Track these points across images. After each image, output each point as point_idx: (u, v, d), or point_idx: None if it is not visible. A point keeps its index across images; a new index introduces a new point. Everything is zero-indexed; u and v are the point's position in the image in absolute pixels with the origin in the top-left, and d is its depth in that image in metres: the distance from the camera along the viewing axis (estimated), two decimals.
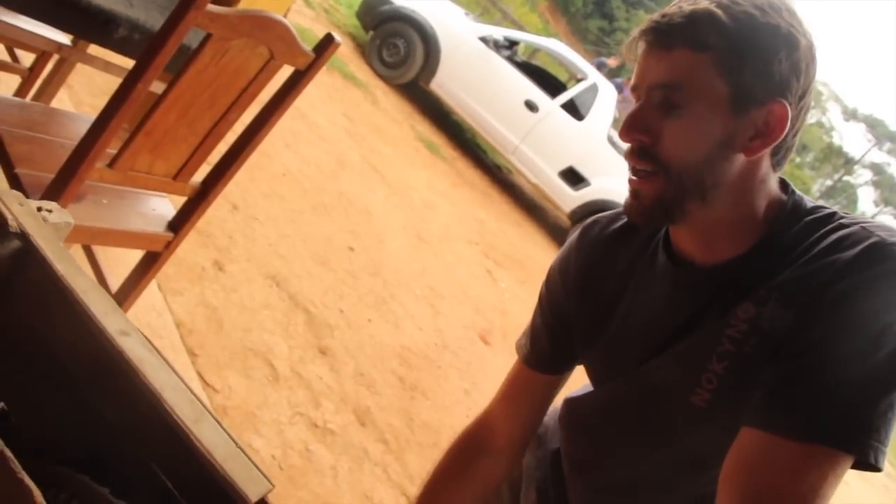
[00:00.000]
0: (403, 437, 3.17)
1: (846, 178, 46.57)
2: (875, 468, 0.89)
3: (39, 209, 0.91)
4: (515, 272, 6.30)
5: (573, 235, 1.30)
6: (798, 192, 1.07)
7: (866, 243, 0.92)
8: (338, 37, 1.89)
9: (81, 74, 3.46)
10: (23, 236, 0.85)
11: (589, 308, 1.22)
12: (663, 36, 0.98)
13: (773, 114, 0.96)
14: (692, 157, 0.98)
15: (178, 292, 2.82)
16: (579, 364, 1.32)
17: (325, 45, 1.88)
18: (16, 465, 0.64)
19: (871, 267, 0.90)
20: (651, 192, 1.02)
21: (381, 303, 4.07)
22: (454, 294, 4.96)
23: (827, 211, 1.02)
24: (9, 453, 0.64)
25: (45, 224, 0.89)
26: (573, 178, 8.15)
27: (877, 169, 46.75)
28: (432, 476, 1.39)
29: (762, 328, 0.97)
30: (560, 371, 1.33)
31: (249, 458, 0.82)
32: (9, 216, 0.85)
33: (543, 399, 1.36)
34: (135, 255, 2.16)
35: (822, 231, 0.98)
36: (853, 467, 0.90)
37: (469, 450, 1.38)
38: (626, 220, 1.21)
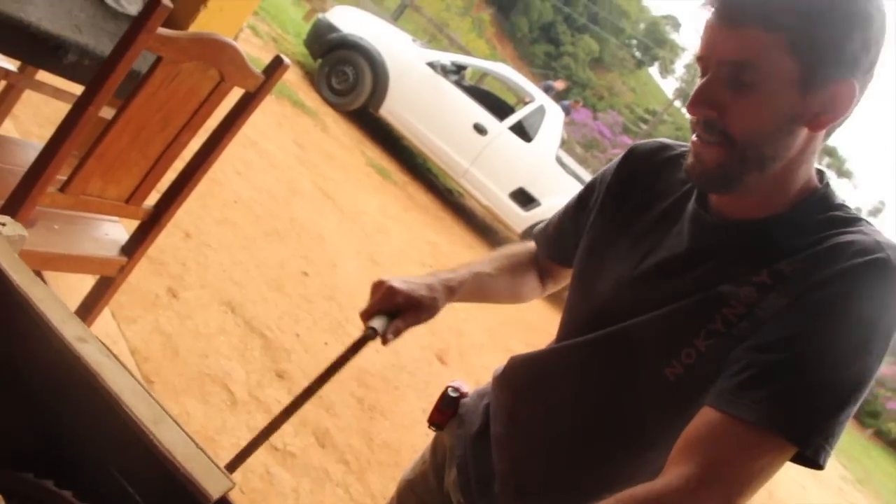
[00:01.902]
0: (364, 458, 3.17)
1: None
2: (820, 468, 0.93)
3: None
4: None
5: (619, 156, 1.34)
6: (832, 186, 1.08)
7: (872, 257, 0.94)
8: (287, 61, 1.92)
9: (27, 104, 3.44)
10: None
11: (604, 221, 1.26)
12: (734, 12, 0.96)
13: (840, 91, 0.96)
14: (758, 134, 0.98)
15: (131, 320, 2.80)
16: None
17: (275, 67, 1.91)
18: None
19: (869, 284, 0.93)
20: (713, 158, 1.02)
21: (337, 326, 4.07)
22: None
23: (853, 214, 1.04)
24: None
25: None
26: (523, 198, 8.24)
27: (829, 151, 47.84)
28: (510, 254, 1.51)
29: (756, 315, 0.99)
30: (555, 261, 1.46)
31: (209, 458, 0.83)
32: None
33: (557, 277, 1.51)
34: (87, 284, 2.16)
35: (840, 230, 1.00)
36: (796, 461, 0.94)
37: (529, 256, 1.51)
38: (672, 153, 1.24)
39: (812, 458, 0.91)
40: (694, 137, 1.05)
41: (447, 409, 1.44)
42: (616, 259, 1.20)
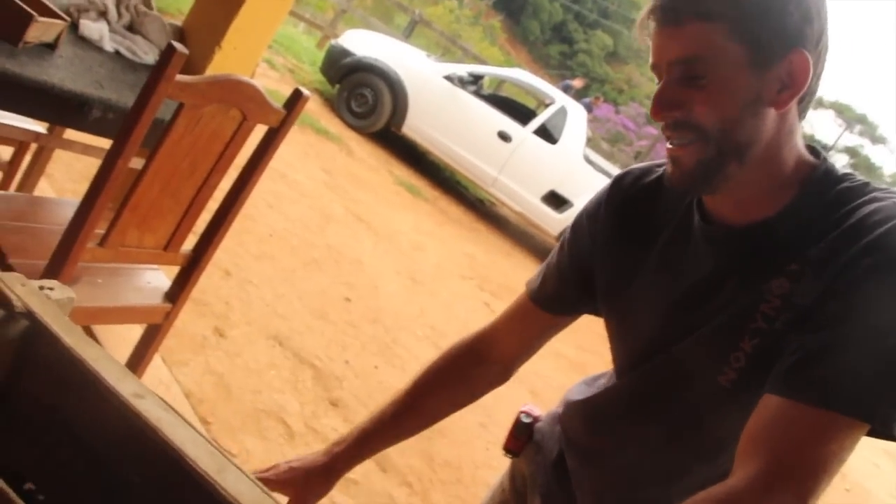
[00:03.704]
0: (426, 478, 3.16)
1: None
2: (894, 438, 0.91)
3: (41, 287, 0.93)
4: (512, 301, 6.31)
5: (605, 187, 1.29)
6: (829, 159, 1.07)
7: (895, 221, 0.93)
8: (306, 91, 1.93)
9: (59, 162, 3.50)
10: (29, 315, 0.87)
11: (615, 256, 1.23)
12: (671, 12, 0.98)
13: (794, 64, 0.97)
14: (726, 121, 0.98)
15: (182, 363, 2.82)
16: (580, 315, 1.35)
17: (295, 101, 1.92)
18: None
19: None
20: (691, 157, 1.02)
21: (385, 349, 4.08)
22: (456, 330, 4.97)
23: (860, 181, 1.03)
24: None
25: (48, 301, 0.91)
26: (556, 201, 8.21)
27: (852, 152, 47.13)
28: (426, 370, 1.40)
29: (794, 304, 0.98)
30: (560, 313, 1.35)
31: (276, 501, 0.83)
32: (13, 297, 0.86)
33: (541, 333, 1.38)
34: (136, 333, 2.18)
35: (855, 203, 0.98)
36: (871, 434, 0.92)
37: (465, 355, 1.40)
38: (658, 174, 1.21)
39: (882, 430, 0.90)
40: (668, 145, 1.05)
41: (521, 436, 1.43)
42: (644, 299, 1.19)
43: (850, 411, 0.89)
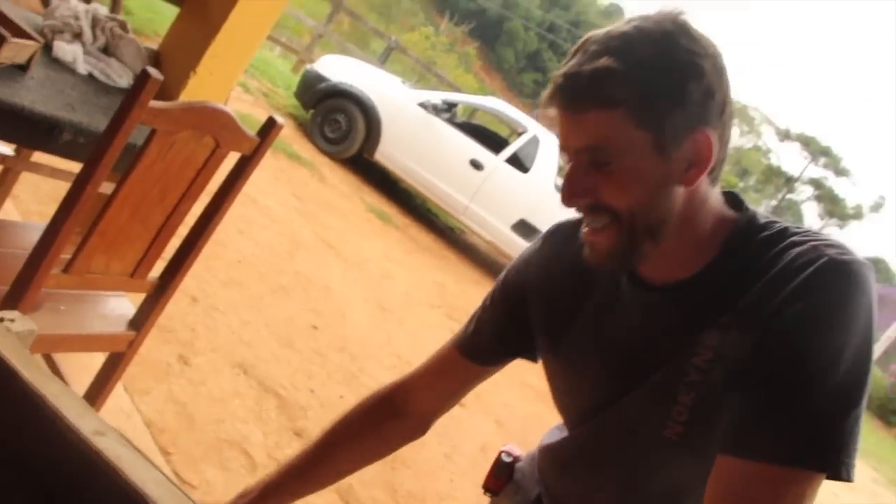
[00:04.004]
0: None
1: (789, 196, 47.75)
2: (848, 481, 0.91)
3: (1, 319, 0.91)
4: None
5: (536, 241, 1.30)
6: (751, 207, 1.08)
7: (818, 264, 0.93)
8: (280, 118, 1.92)
9: (26, 183, 3.44)
10: None
11: (548, 315, 1.23)
12: (571, 101, 0.98)
13: (699, 143, 0.97)
14: (636, 205, 0.99)
15: (145, 391, 2.78)
16: (505, 365, 1.35)
17: (269, 129, 1.91)
18: None
19: (824, 288, 0.92)
20: (605, 241, 1.03)
21: (352, 378, 4.04)
22: (422, 359, 4.93)
23: (779, 227, 1.03)
24: None
25: (8, 333, 0.89)
26: (526, 230, 8.23)
27: (816, 184, 47.99)
28: (338, 421, 1.38)
29: (725, 355, 0.99)
30: (489, 364, 1.35)
31: None
32: None
33: (463, 385, 1.37)
34: (97, 360, 2.14)
35: (775, 251, 0.99)
36: (827, 478, 0.92)
37: (380, 407, 1.38)
38: None
39: (836, 477, 0.90)
40: (584, 228, 1.07)
41: (502, 476, 1.42)
42: (579, 360, 1.20)
43: (802, 464, 0.89)
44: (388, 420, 1.38)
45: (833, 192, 47.56)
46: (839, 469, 0.89)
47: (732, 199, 1.10)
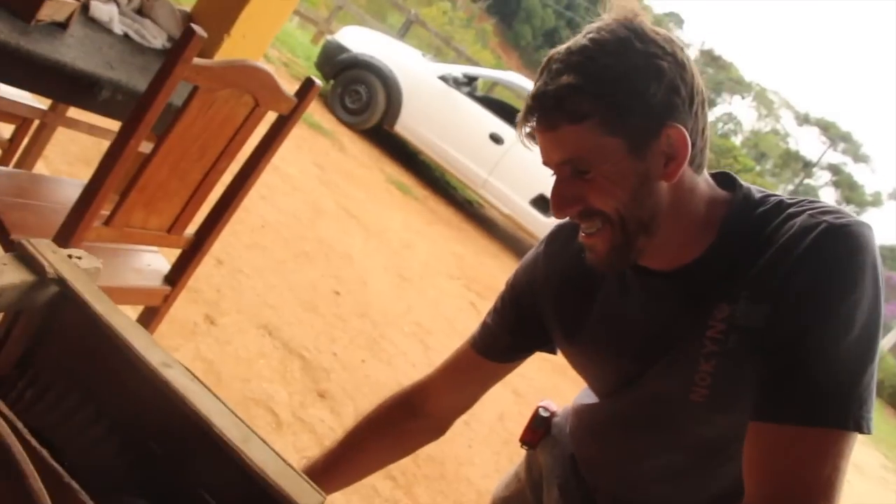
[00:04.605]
0: (410, 472, 3.17)
1: (806, 181, 47.34)
2: (868, 433, 0.95)
3: (70, 256, 0.94)
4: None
5: (540, 243, 1.34)
6: (745, 184, 1.11)
7: (817, 231, 0.97)
8: (318, 81, 1.95)
9: (55, 143, 3.48)
10: (60, 282, 0.88)
11: (560, 313, 1.27)
12: (543, 119, 1.03)
13: (671, 137, 1.00)
14: (622, 206, 1.03)
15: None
16: (522, 361, 1.39)
17: (307, 89, 1.93)
18: (83, 495, 0.66)
19: (826, 254, 0.96)
20: (602, 244, 1.07)
21: (373, 343, 4.09)
22: (441, 328, 4.99)
23: (774, 201, 1.07)
24: (75, 485, 0.66)
25: (78, 269, 0.92)
26: (544, 204, 8.23)
27: (834, 170, 47.58)
28: (360, 422, 1.42)
29: (739, 325, 1.02)
30: (507, 361, 1.39)
31: (299, 473, 0.85)
32: (45, 263, 0.88)
33: (483, 383, 1.42)
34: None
35: (773, 224, 1.03)
36: None
37: (400, 407, 1.42)
38: None
39: (859, 432, 0.94)
40: (581, 234, 1.10)
41: (539, 429, 1.46)
42: (596, 350, 1.24)
43: (831, 423, 0.93)
44: (406, 421, 1.41)
45: (851, 179, 47.15)
46: (861, 424, 0.93)
47: (725, 178, 1.14)
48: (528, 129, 1.07)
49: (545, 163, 1.08)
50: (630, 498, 1.26)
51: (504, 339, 1.36)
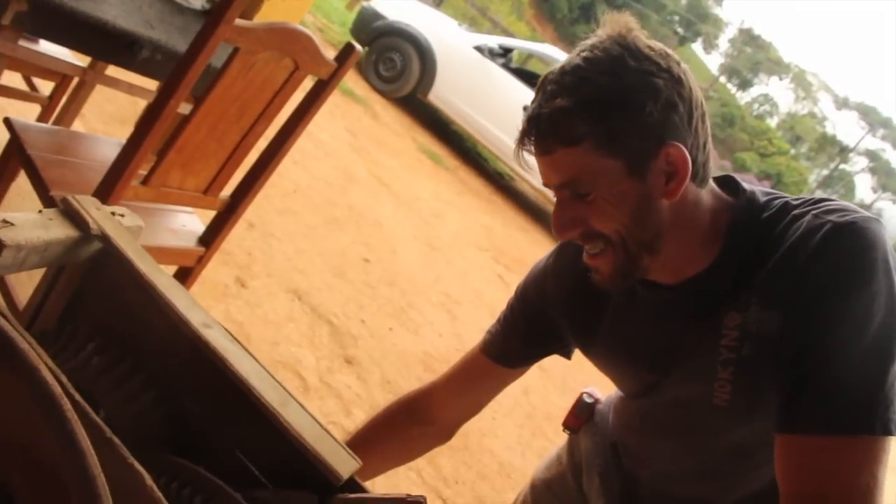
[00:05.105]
0: None
1: (842, 166, 46.64)
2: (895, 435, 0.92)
3: (113, 213, 0.94)
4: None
5: (548, 256, 1.33)
6: (749, 187, 1.09)
7: (822, 232, 0.95)
8: (358, 46, 1.93)
9: (91, 103, 3.50)
10: (104, 238, 0.88)
11: (572, 324, 1.27)
12: (539, 143, 1.01)
13: (671, 156, 0.98)
14: (622, 227, 1.01)
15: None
16: (531, 366, 1.39)
17: (347, 54, 1.92)
18: (125, 451, 0.66)
19: (833, 254, 0.93)
20: (606, 265, 1.06)
21: (400, 311, 4.10)
22: (469, 299, 4.99)
23: (779, 203, 1.05)
24: (117, 440, 0.66)
25: (121, 227, 0.92)
26: None
27: (872, 156, 46.82)
28: (366, 425, 1.43)
29: (751, 332, 1.00)
30: (519, 366, 1.38)
31: (335, 439, 0.85)
32: (89, 220, 0.88)
33: (492, 388, 1.41)
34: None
35: (779, 228, 1.01)
36: None
37: (405, 413, 1.42)
38: None
39: (887, 434, 0.91)
40: (585, 255, 1.09)
41: (583, 415, 1.46)
42: (613, 362, 1.25)
43: (853, 430, 0.90)
44: (410, 428, 1.42)
45: (890, 165, 46.39)
46: (890, 427, 0.90)
47: (728, 182, 1.11)
48: (525, 153, 1.05)
49: (545, 184, 1.06)
50: (668, 492, 1.26)
51: (516, 345, 1.35)
